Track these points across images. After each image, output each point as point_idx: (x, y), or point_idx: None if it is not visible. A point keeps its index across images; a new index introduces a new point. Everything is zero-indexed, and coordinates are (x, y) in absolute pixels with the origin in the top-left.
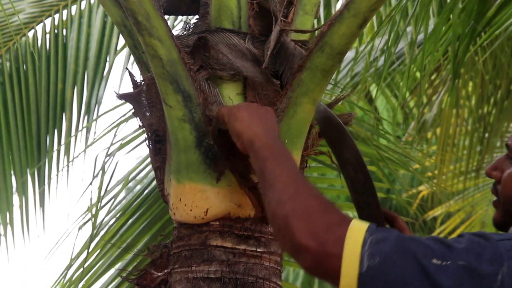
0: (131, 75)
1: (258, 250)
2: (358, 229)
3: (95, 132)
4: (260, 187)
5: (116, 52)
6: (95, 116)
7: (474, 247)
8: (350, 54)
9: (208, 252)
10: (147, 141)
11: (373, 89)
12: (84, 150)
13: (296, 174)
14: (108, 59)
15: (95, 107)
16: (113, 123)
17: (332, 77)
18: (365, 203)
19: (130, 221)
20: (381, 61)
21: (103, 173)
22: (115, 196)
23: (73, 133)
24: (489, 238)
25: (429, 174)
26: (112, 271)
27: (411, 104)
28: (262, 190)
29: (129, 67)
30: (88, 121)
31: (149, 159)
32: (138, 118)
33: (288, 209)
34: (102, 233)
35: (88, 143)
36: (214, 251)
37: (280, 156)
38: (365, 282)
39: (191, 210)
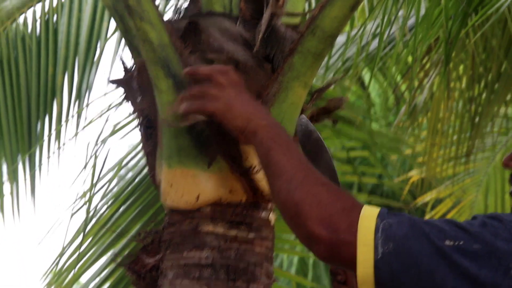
0: (122, 60)
1: (250, 235)
2: (369, 214)
3: (85, 118)
4: (266, 178)
5: (107, 37)
6: (86, 102)
7: (488, 227)
8: (341, 39)
9: (199, 238)
10: (138, 126)
11: (365, 74)
12: (75, 136)
13: (302, 162)
14: (99, 44)
15: (86, 93)
16: (104, 108)
17: (324, 61)
18: None
19: (122, 208)
20: (373, 45)
21: (95, 159)
22: (108, 183)
23: (64, 119)
24: (502, 219)
25: (420, 159)
26: (104, 258)
27: (403, 88)
28: (269, 181)
29: (120, 52)
30: (79, 107)
31: (140, 146)
32: (129, 103)
33: (298, 197)
34: (94, 220)
35: (79, 129)
36: (205, 237)
37: (285, 145)
38: (382, 269)
39: (182, 195)
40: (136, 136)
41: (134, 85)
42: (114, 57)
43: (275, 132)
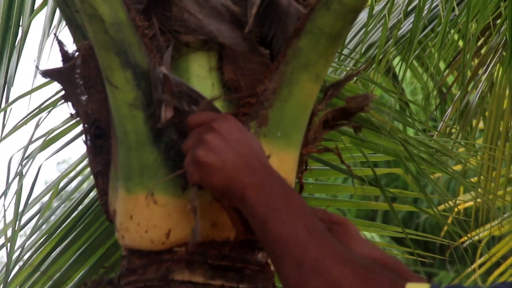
0: (60, 43)
1: (241, 286)
2: None
3: (4, 124)
4: (269, 258)
5: (34, 11)
6: (4, 102)
7: None
8: (363, 15)
9: None
10: (83, 136)
11: (397, 63)
12: None
13: (313, 230)
14: (21, 22)
15: (4, 90)
16: (32, 111)
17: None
18: None
19: (60, 246)
20: (406, 24)
21: (21, 180)
22: (40, 213)
23: None
24: None
25: (475, 179)
26: None
27: (449, 81)
28: (273, 264)
29: (55, 32)
30: None
31: (86, 161)
32: (69, 103)
33: (314, 286)
34: (20, 265)
35: None
36: None
37: (284, 208)
38: None
39: (146, 231)
40: (79, 149)
41: (77, 78)
42: (44, 40)
43: (269, 191)
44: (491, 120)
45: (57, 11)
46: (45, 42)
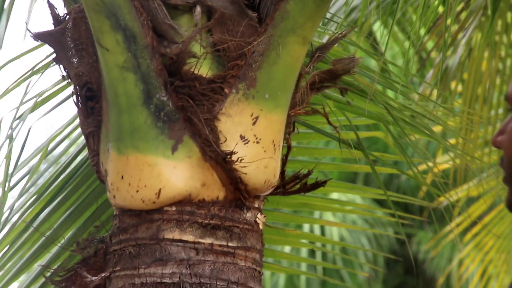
0: (50, 6)
1: (230, 244)
2: None
3: None
4: None
5: None
6: None
7: None
8: None
9: (161, 248)
10: (74, 98)
11: (378, 28)
12: None
13: None
14: None
15: None
16: (24, 73)
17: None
18: None
19: (51, 205)
20: None
21: (11, 142)
22: (30, 173)
23: None
24: None
25: (453, 140)
26: (28, 275)
27: (429, 46)
28: None
29: None
30: None
31: (77, 122)
32: (61, 66)
33: None
34: (11, 224)
35: None
36: (170, 246)
37: None
38: None
39: (137, 191)
40: (69, 110)
41: (68, 41)
42: (33, 3)
43: None
44: (470, 83)
45: None
46: (32, 5)
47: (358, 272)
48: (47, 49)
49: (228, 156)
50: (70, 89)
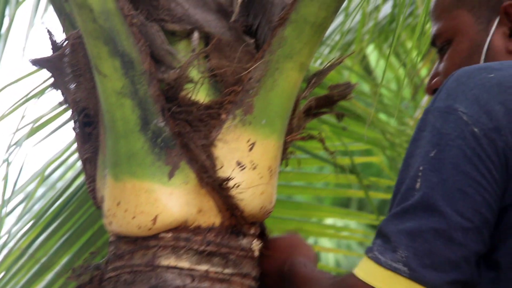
0: (49, 33)
1: (226, 271)
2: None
3: None
4: None
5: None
6: None
7: None
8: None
9: (157, 275)
10: (72, 123)
11: (372, 52)
12: None
13: None
14: (8, 11)
15: None
16: (21, 99)
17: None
18: None
19: (47, 231)
20: (383, 12)
21: (8, 167)
22: (27, 199)
23: None
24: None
25: None
26: None
27: (423, 73)
28: None
29: (43, 20)
30: None
31: (73, 147)
32: (58, 91)
33: None
34: (7, 250)
35: None
36: (166, 273)
37: None
38: (418, 278)
39: (133, 217)
40: (67, 136)
41: (66, 67)
42: (30, 29)
43: None
44: None
45: (45, 0)
46: (29, 31)
47: None
48: (44, 74)
49: (225, 183)
50: (67, 114)
